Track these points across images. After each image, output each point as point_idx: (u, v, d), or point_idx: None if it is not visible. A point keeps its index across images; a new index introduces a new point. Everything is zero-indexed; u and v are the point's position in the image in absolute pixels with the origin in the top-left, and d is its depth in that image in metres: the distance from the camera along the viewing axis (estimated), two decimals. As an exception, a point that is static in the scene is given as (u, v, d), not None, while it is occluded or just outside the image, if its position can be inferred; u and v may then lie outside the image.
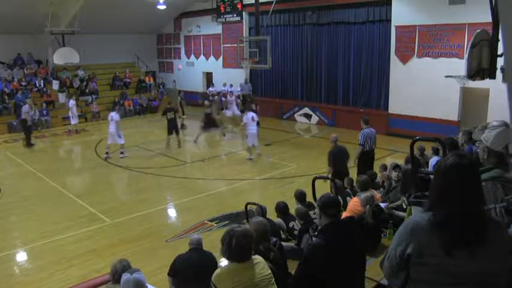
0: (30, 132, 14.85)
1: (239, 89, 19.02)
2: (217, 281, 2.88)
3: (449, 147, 5.01)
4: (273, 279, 3.01)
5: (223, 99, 19.46)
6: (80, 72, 20.43)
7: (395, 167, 6.77)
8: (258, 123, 12.53)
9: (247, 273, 2.88)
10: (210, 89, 20.32)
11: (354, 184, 6.98)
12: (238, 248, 2.85)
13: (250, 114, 12.43)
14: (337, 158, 8.56)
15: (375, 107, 15.46)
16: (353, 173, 8.65)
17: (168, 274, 4.75)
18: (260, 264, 2.98)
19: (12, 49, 19.13)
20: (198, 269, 4.50)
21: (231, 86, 19.06)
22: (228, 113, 17.54)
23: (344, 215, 5.54)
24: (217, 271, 2.95)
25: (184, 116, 17.83)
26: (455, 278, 1.81)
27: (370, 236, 4.88)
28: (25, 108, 14.74)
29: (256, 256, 3.02)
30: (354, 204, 5.74)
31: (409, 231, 1.89)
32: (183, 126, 17.05)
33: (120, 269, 3.76)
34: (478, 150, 3.05)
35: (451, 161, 1.87)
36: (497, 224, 1.94)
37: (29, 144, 14.57)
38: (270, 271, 3.02)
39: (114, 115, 12.68)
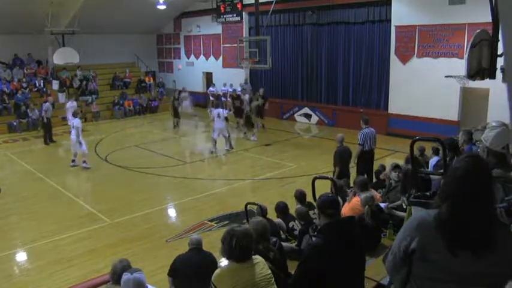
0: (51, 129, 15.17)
1: (239, 89, 19.03)
2: (217, 281, 2.88)
3: (448, 147, 5.01)
4: (273, 279, 3.01)
5: (223, 99, 19.44)
6: (78, 73, 20.42)
7: (395, 167, 6.77)
8: (226, 119, 13.10)
9: (247, 273, 2.88)
10: (211, 88, 20.31)
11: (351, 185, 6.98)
12: (239, 248, 2.85)
13: (217, 110, 12.99)
14: (343, 158, 8.57)
15: (374, 107, 15.46)
16: (353, 173, 8.66)
17: (168, 274, 4.75)
18: (260, 264, 2.98)
19: (12, 49, 19.13)
20: (198, 269, 4.51)
21: (231, 86, 19.06)
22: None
23: (344, 210, 5.54)
24: (217, 271, 2.95)
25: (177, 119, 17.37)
26: (457, 276, 1.81)
27: (370, 236, 4.89)
28: (45, 106, 14.96)
29: (256, 256, 3.02)
30: (355, 204, 5.75)
31: (415, 226, 1.90)
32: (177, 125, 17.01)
33: (120, 269, 3.76)
34: (478, 150, 3.06)
35: (465, 162, 1.86)
36: (505, 227, 1.94)
37: (51, 141, 15.03)
38: (270, 271, 3.02)
39: (75, 121, 11.82)
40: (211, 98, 19.75)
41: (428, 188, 5.21)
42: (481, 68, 8.05)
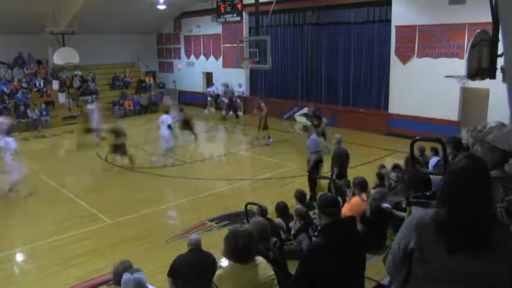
0: None
1: (238, 89, 19.11)
2: (219, 282, 2.87)
3: (452, 145, 4.99)
4: (276, 280, 3.00)
5: (222, 99, 19.49)
6: (76, 72, 20.39)
7: (395, 167, 6.78)
8: (169, 127, 11.85)
9: (249, 274, 2.88)
10: (209, 89, 20.32)
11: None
12: (242, 249, 2.85)
13: (162, 117, 12.11)
14: (341, 158, 8.58)
15: (375, 107, 15.44)
16: (351, 174, 8.64)
17: (168, 275, 4.74)
18: (262, 265, 2.97)
19: (12, 49, 19.12)
20: (198, 270, 4.50)
21: (228, 85, 19.14)
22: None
23: (343, 210, 5.54)
24: (219, 272, 2.95)
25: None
26: (456, 276, 1.80)
27: (373, 235, 4.90)
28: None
29: (259, 257, 3.02)
30: (354, 204, 5.75)
31: (414, 226, 1.90)
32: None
33: (122, 270, 3.76)
34: (478, 151, 3.05)
35: (462, 162, 1.86)
36: (505, 227, 1.94)
37: None
38: (272, 272, 3.01)
39: (10, 142, 9.39)
40: (209, 99, 19.80)
41: (428, 188, 5.20)
42: (481, 68, 8.05)
